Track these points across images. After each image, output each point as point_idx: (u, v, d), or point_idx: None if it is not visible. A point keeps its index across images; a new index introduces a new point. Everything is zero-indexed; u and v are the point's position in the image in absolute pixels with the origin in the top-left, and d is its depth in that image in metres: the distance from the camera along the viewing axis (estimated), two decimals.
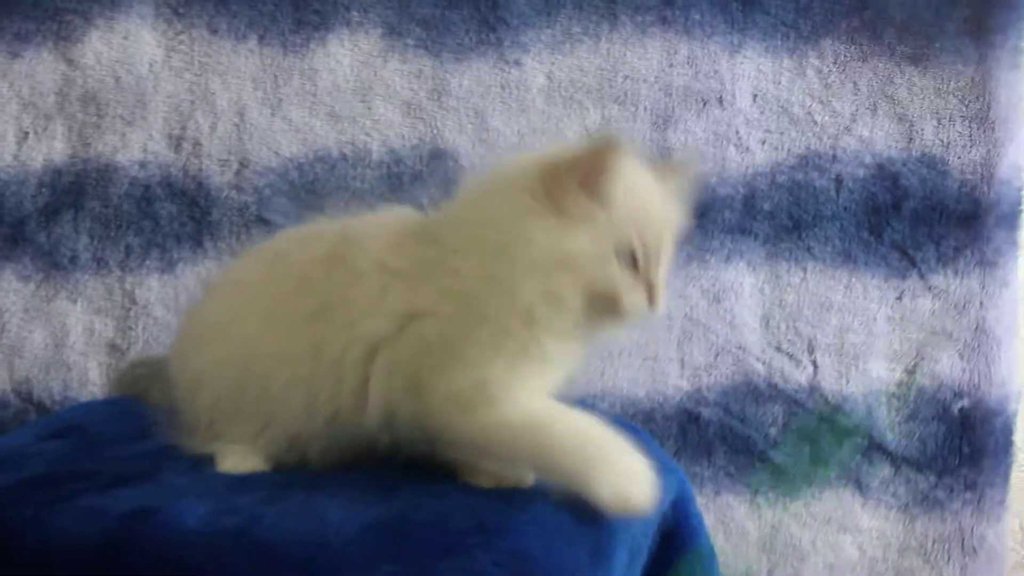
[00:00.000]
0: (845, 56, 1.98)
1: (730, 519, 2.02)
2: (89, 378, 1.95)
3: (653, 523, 1.43)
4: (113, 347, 1.95)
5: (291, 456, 1.36)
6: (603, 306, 1.21)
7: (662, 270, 1.23)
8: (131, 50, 1.91)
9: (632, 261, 1.21)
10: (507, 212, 1.25)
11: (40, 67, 1.92)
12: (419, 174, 1.91)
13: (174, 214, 1.92)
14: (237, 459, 1.37)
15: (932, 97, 1.98)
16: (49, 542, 1.23)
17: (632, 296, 1.21)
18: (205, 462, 1.41)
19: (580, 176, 1.19)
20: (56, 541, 1.23)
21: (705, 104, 1.96)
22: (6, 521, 1.27)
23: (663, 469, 1.41)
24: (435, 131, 1.93)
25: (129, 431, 1.53)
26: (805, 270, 2.00)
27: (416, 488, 1.31)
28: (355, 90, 1.92)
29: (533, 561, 1.21)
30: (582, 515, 1.28)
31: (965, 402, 2.02)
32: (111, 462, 1.42)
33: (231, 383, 1.37)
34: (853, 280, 2.01)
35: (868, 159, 1.99)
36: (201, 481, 1.35)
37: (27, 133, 1.92)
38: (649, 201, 1.23)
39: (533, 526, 1.25)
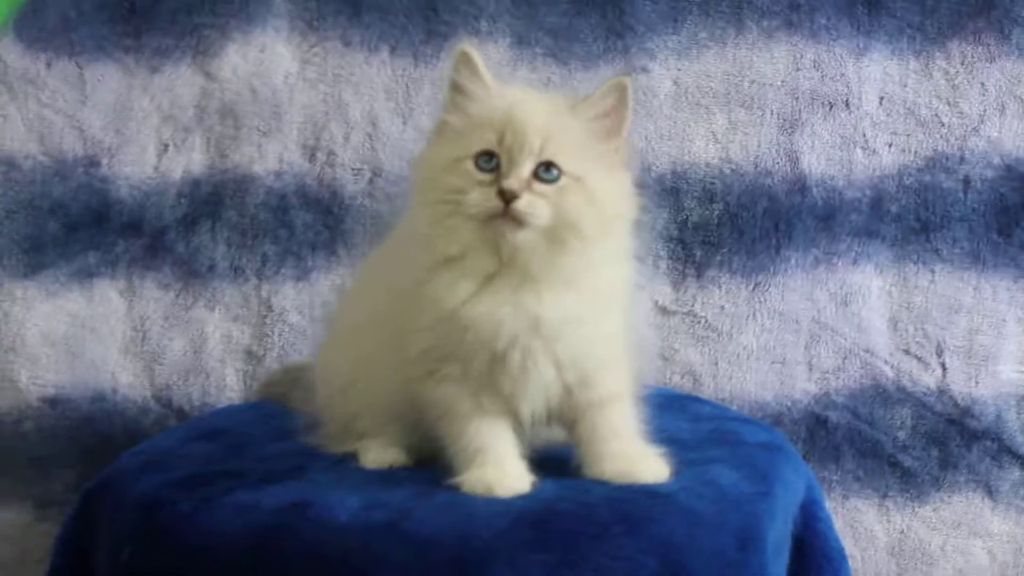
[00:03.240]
0: (972, 57, 2.06)
1: (859, 523, 2.11)
2: (227, 384, 2.09)
3: (789, 521, 1.52)
4: (250, 354, 2.08)
5: (429, 448, 1.48)
6: (459, 206, 1.30)
7: (521, 172, 1.29)
8: (267, 63, 2.04)
9: (496, 165, 1.30)
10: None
11: (179, 81, 2.06)
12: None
13: (309, 223, 2.05)
14: (379, 452, 1.52)
15: None
16: (206, 536, 1.37)
17: (474, 193, 1.30)
18: (348, 460, 1.54)
19: (446, 97, 1.35)
20: (213, 535, 1.37)
21: (832, 107, 2.06)
22: (164, 517, 1.41)
23: (793, 471, 1.53)
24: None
25: (272, 432, 1.67)
26: (933, 272, 2.09)
27: (557, 483, 1.43)
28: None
29: (678, 548, 1.33)
30: (723, 504, 1.40)
31: None
32: (258, 461, 1.56)
33: (367, 382, 1.52)
34: (982, 281, 2.09)
35: (996, 160, 2.08)
36: (347, 477, 1.48)
37: (167, 145, 2.06)
38: (514, 107, 1.31)
39: (676, 515, 1.37)
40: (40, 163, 2.03)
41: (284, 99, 2.03)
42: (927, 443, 2.09)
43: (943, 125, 2.05)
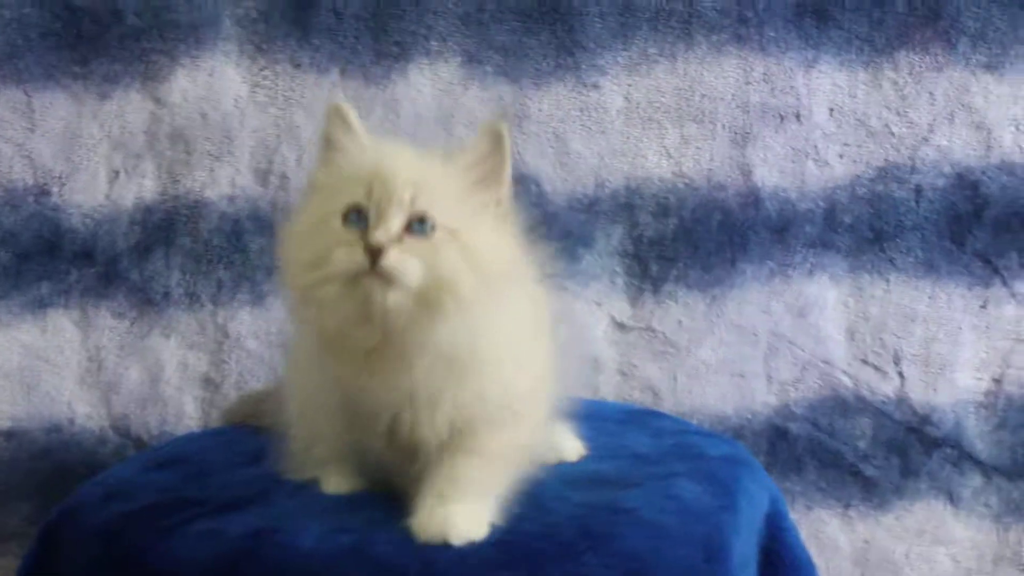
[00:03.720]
0: (920, 67, 2.09)
1: (823, 534, 2.12)
2: (185, 412, 2.08)
3: (754, 533, 1.53)
4: (207, 381, 2.08)
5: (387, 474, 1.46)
6: (322, 269, 1.22)
7: (390, 225, 1.20)
8: (216, 87, 2.05)
9: (364, 224, 1.21)
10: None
11: (129, 107, 2.05)
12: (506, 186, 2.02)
13: (263, 247, 2.05)
14: (339, 479, 1.49)
15: (1009, 104, 2.09)
16: (170, 564, 1.36)
17: (340, 252, 1.20)
18: (310, 486, 1.52)
19: (318, 153, 1.30)
20: (177, 563, 1.35)
21: (783, 120, 2.08)
22: (127, 547, 1.40)
23: (756, 483, 1.54)
24: (516, 156, 2.05)
25: (233, 459, 1.66)
26: (888, 281, 2.11)
27: (521, 504, 1.42)
28: (437, 118, 2.05)
29: (644, 562, 1.33)
30: (687, 518, 1.41)
31: None
32: (219, 488, 1.54)
33: (316, 411, 1.50)
34: (937, 290, 2.11)
35: (947, 168, 2.10)
36: (310, 503, 1.47)
37: (118, 172, 2.06)
38: (384, 159, 1.24)
39: (640, 530, 1.37)
40: None
41: (235, 123, 2.03)
42: (888, 452, 2.10)
43: (893, 135, 2.07)
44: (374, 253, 1.18)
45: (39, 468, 2.06)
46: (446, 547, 1.31)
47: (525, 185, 2.05)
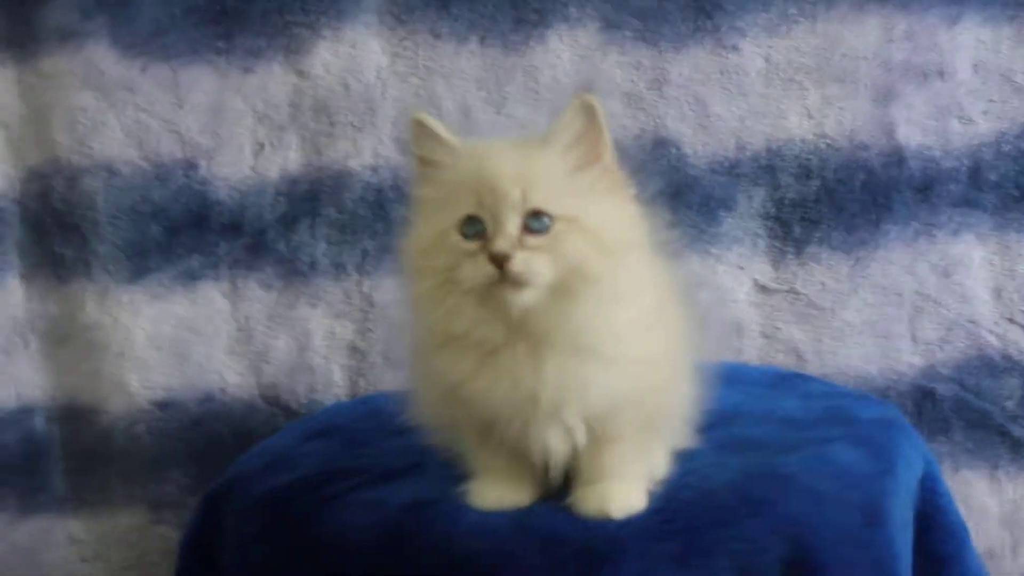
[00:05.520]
0: None
1: (970, 496, 2.11)
2: (333, 380, 2.12)
3: (910, 497, 1.53)
4: (354, 349, 2.11)
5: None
6: (451, 283, 1.22)
7: (508, 230, 1.19)
8: (358, 58, 2.07)
9: (482, 230, 1.21)
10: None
11: (272, 80, 2.09)
12: (643, 164, 2.02)
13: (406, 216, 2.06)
14: (488, 492, 1.43)
15: None
16: (335, 532, 1.40)
17: (467, 266, 1.20)
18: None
19: (415, 170, 1.30)
20: (341, 531, 1.40)
21: (926, 77, 2.06)
22: (291, 516, 1.44)
23: (911, 447, 1.53)
24: (657, 120, 2.05)
25: (385, 429, 1.67)
26: None
27: (676, 474, 1.45)
28: (576, 84, 2.04)
29: (805, 528, 1.34)
30: (846, 483, 1.41)
31: None
32: (376, 458, 1.58)
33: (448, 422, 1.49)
34: None
35: None
36: (466, 475, 1.47)
37: (262, 145, 2.08)
38: (484, 163, 1.23)
39: (798, 495, 1.39)
40: (140, 168, 2.06)
41: (376, 94, 2.05)
42: None
43: None
44: (499, 261, 1.18)
45: (192, 437, 2.12)
46: (607, 520, 1.33)
47: (666, 149, 2.05)
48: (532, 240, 1.20)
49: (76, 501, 2.12)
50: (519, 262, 1.18)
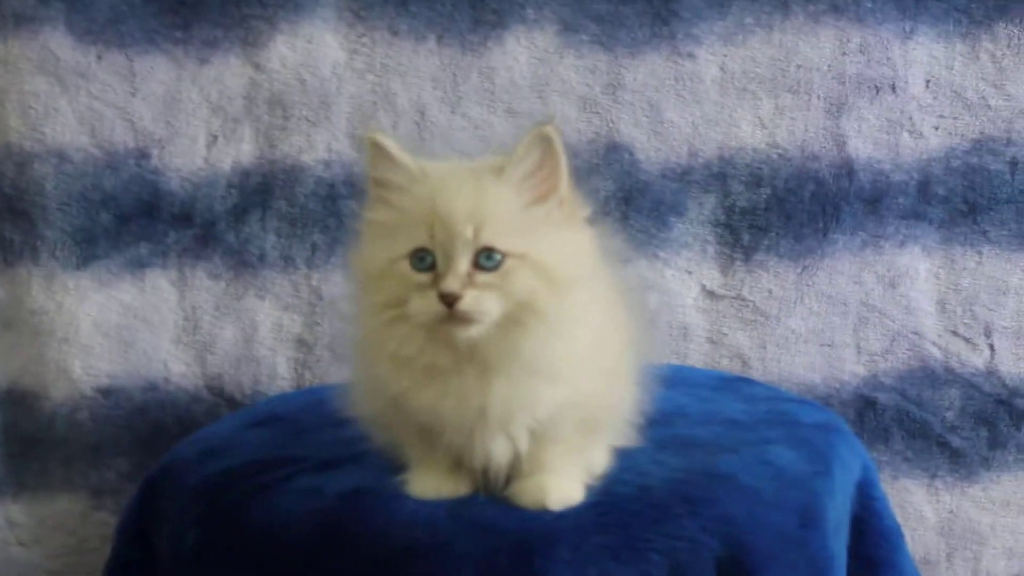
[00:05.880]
0: (1019, 39, 2.08)
1: (908, 504, 2.13)
2: (278, 372, 2.11)
3: (847, 500, 1.55)
4: (301, 342, 2.11)
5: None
6: (399, 311, 1.23)
7: (458, 268, 1.20)
8: (315, 53, 2.06)
9: (432, 262, 1.21)
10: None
11: (228, 72, 2.08)
12: (596, 168, 2.03)
13: (357, 211, 2.05)
14: (426, 482, 1.43)
15: None
16: (270, 520, 1.40)
17: (416, 301, 1.21)
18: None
19: (370, 190, 1.29)
20: (277, 519, 1.40)
21: (878, 91, 2.08)
22: (227, 503, 1.44)
23: (849, 451, 1.54)
24: (611, 125, 2.06)
25: (326, 419, 1.65)
26: (981, 254, 2.10)
27: (615, 470, 1.45)
28: (532, 86, 2.06)
29: (741, 527, 1.36)
30: (783, 483, 1.43)
31: None
32: (316, 447, 1.58)
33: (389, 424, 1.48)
34: None
35: None
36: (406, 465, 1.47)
37: (216, 137, 2.08)
38: (439, 195, 1.22)
39: (736, 495, 1.40)
40: (91, 155, 2.05)
41: (332, 89, 2.05)
42: (976, 423, 2.11)
43: (990, 108, 2.07)
44: (449, 301, 1.18)
45: (135, 425, 2.11)
46: (544, 511, 1.34)
47: (619, 154, 2.06)
48: (481, 277, 1.20)
49: (16, 485, 2.10)
50: (468, 302, 1.19)
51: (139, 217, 2.09)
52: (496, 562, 1.24)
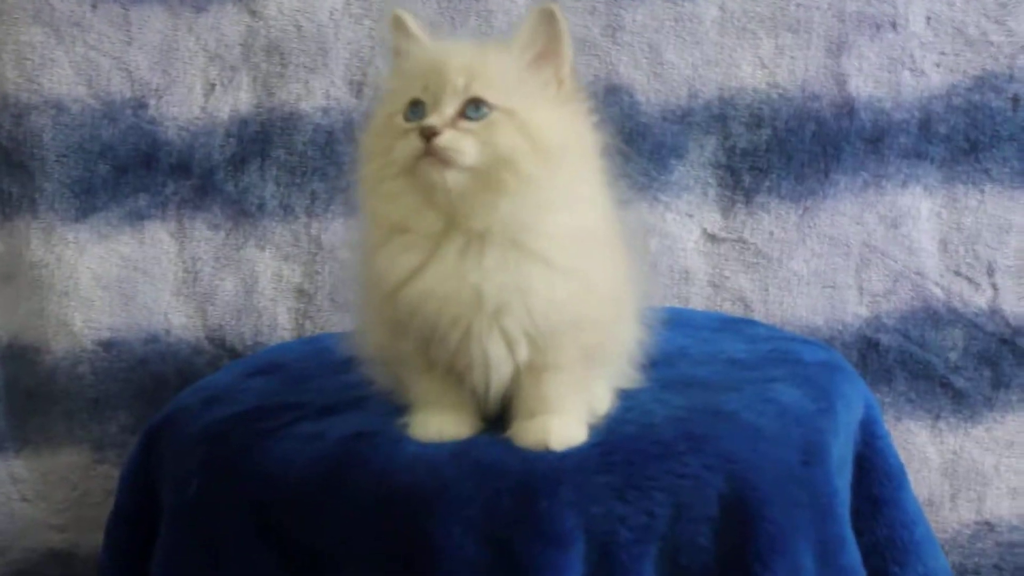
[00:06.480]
0: None
1: (912, 445, 2.13)
2: (279, 323, 2.11)
3: (850, 438, 1.54)
4: (301, 292, 2.10)
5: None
6: (389, 164, 1.25)
7: (444, 111, 1.23)
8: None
9: (423, 112, 1.24)
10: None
11: (224, 20, 2.07)
12: (595, 110, 2.01)
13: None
14: (429, 422, 1.43)
15: None
16: (272, 464, 1.40)
17: (400, 144, 1.24)
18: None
19: (391, 57, 1.32)
20: (278, 463, 1.40)
21: (879, 28, 2.06)
22: (230, 449, 1.44)
23: (852, 389, 1.53)
24: (610, 67, 2.05)
25: (329, 366, 1.68)
26: (983, 192, 2.09)
27: (618, 410, 1.45)
28: None
29: (744, 463, 1.35)
30: (786, 421, 1.42)
31: None
32: (318, 393, 1.58)
33: (389, 335, 1.46)
34: None
35: None
36: (407, 408, 1.46)
37: (214, 85, 2.07)
38: (439, 53, 1.27)
39: (739, 432, 1.40)
40: (89, 106, 2.04)
41: (330, 35, 2.04)
42: (979, 364, 2.10)
43: (992, 44, 2.05)
44: (428, 135, 1.21)
45: (136, 378, 2.10)
46: (547, 452, 1.34)
47: (618, 96, 2.05)
48: (464, 124, 1.22)
49: (18, 440, 2.10)
50: (445, 138, 1.21)
51: (137, 168, 2.09)
52: (499, 503, 1.24)
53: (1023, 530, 2.13)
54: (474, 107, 1.22)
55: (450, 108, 1.22)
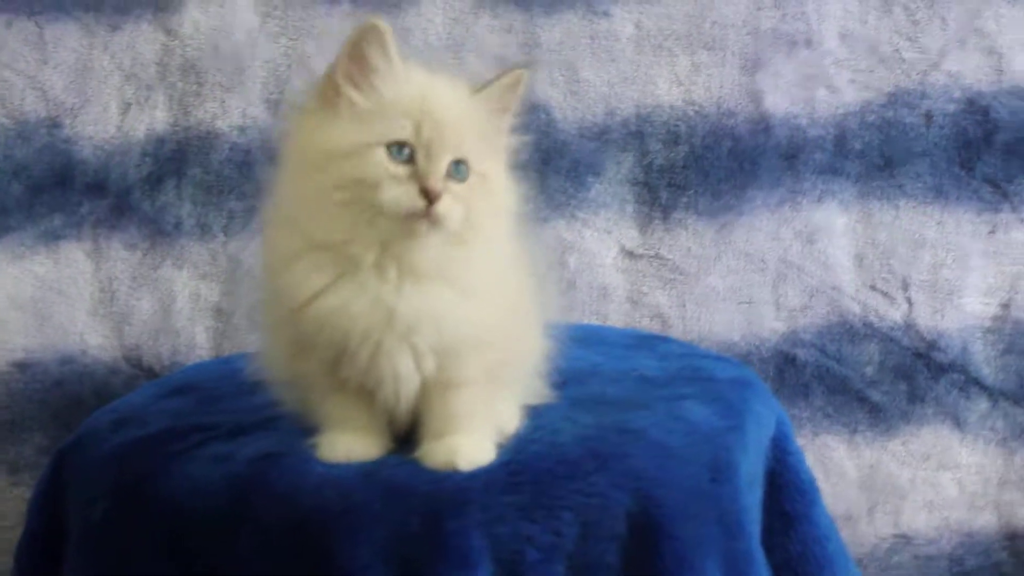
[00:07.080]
0: None
1: (829, 459, 2.14)
2: (196, 342, 2.09)
3: (761, 455, 1.55)
4: (219, 311, 2.09)
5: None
6: (365, 197, 1.22)
7: (440, 167, 1.23)
8: (228, 18, 2.04)
9: (409, 156, 1.22)
10: (290, 125, 1.32)
11: (140, 39, 2.05)
12: (512, 127, 2.01)
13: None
14: (336, 443, 1.42)
15: (1022, 28, 2.07)
16: (181, 487, 1.38)
17: (394, 189, 1.22)
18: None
19: (343, 68, 1.24)
20: (187, 486, 1.38)
21: (793, 46, 2.08)
22: (138, 472, 1.42)
23: (763, 405, 1.54)
24: (527, 85, 2.03)
25: (241, 387, 1.64)
26: (897, 207, 2.11)
27: (526, 428, 1.45)
28: (448, 47, 2.04)
29: (651, 482, 1.35)
30: (694, 438, 1.43)
31: None
32: (229, 414, 1.56)
33: (296, 355, 1.45)
34: (945, 216, 2.12)
35: (958, 94, 2.10)
36: (317, 428, 1.45)
37: (129, 104, 2.05)
38: (429, 95, 1.24)
39: (647, 450, 1.39)
40: (2, 125, 2.03)
41: (246, 54, 2.03)
42: (895, 377, 2.11)
43: (904, 61, 2.07)
44: (431, 198, 1.21)
45: (52, 399, 2.08)
46: (455, 472, 1.34)
47: (535, 114, 2.04)
48: (452, 186, 1.23)
49: None
50: (445, 204, 1.22)
51: (52, 187, 2.06)
52: (407, 525, 1.23)
53: (940, 543, 2.14)
54: (457, 167, 1.24)
55: (443, 166, 1.23)
